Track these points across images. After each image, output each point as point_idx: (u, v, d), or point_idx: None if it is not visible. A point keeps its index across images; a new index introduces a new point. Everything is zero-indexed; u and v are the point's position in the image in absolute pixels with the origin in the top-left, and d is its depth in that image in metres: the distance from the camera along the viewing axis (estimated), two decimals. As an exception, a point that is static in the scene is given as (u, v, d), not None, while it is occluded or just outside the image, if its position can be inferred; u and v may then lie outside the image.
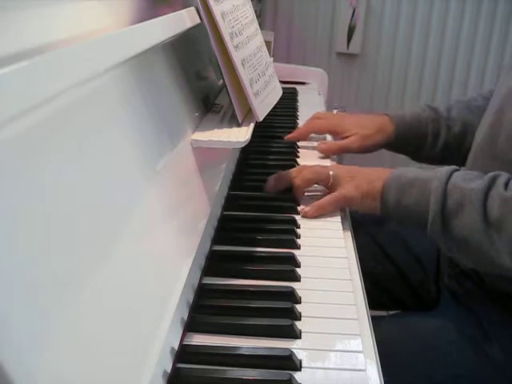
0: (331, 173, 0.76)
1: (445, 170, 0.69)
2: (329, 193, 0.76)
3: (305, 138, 1.02)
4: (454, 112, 0.96)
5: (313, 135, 1.03)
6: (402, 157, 1.02)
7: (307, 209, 0.74)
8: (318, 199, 0.76)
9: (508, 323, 0.73)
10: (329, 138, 1.05)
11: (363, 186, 0.74)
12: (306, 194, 0.79)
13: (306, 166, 0.82)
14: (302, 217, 0.74)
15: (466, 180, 0.67)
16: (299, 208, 0.76)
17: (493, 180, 0.65)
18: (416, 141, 0.96)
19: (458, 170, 0.69)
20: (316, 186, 0.79)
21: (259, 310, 0.53)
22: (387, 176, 0.73)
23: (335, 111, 1.19)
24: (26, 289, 0.28)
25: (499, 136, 0.75)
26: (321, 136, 1.04)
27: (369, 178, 0.75)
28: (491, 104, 0.82)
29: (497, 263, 0.63)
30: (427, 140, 0.95)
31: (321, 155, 0.95)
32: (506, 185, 0.64)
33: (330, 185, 0.76)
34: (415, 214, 0.69)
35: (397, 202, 0.71)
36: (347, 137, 0.95)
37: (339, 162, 0.99)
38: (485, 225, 0.63)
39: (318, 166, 0.81)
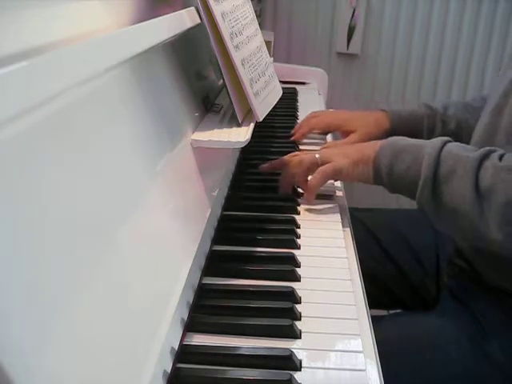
0: (317, 155, 0.77)
1: (439, 138, 0.69)
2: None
3: (303, 136, 1.02)
4: (451, 111, 0.97)
5: (315, 136, 1.04)
6: None
7: (306, 196, 0.76)
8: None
9: (507, 322, 0.73)
10: (329, 138, 1.05)
11: (353, 155, 0.74)
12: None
13: (291, 159, 0.81)
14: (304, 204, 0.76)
15: (461, 149, 0.67)
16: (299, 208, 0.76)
17: (488, 151, 0.65)
18: (411, 136, 0.95)
19: (451, 141, 0.69)
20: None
21: (259, 310, 0.53)
22: (382, 143, 0.73)
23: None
24: (26, 289, 0.28)
25: (497, 134, 0.75)
26: (322, 136, 1.04)
27: (360, 148, 0.75)
28: (488, 103, 0.82)
29: (484, 235, 0.63)
30: (422, 136, 0.95)
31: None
32: (501, 157, 0.64)
33: (320, 166, 0.76)
34: (407, 180, 0.69)
35: (389, 168, 0.70)
36: (348, 131, 0.96)
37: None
38: (475, 193, 0.62)
39: (303, 153, 0.82)
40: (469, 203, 0.62)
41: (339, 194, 0.82)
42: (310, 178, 0.77)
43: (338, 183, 0.95)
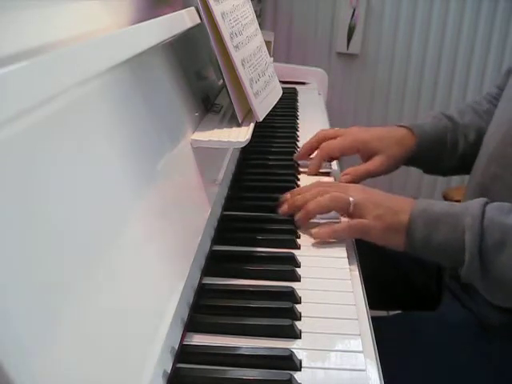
0: (351, 199, 0.68)
1: (476, 203, 0.64)
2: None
3: (319, 167, 0.88)
4: (467, 118, 0.92)
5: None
6: (412, 169, 0.96)
7: (318, 230, 0.68)
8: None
9: (508, 324, 0.73)
10: (334, 163, 0.93)
11: (387, 218, 0.66)
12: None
13: (322, 186, 0.73)
14: (315, 238, 0.68)
15: (503, 214, 0.62)
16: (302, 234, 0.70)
17: None
18: (435, 152, 0.90)
19: (488, 203, 0.64)
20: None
21: (259, 310, 0.53)
22: (412, 208, 0.66)
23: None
24: (26, 289, 0.28)
25: None
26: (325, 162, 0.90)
27: (393, 208, 0.67)
28: (502, 110, 0.80)
29: None
30: (446, 150, 0.90)
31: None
32: None
33: (349, 212, 0.69)
34: (447, 252, 0.64)
35: (425, 239, 0.65)
36: (368, 156, 0.86)
37: (341, 169, 0.95)
38: None
39: (337, 188, 0.72)
40: None
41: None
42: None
43: (334, 164, 0.92)
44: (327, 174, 0.88)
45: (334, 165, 0.93)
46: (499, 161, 0.76)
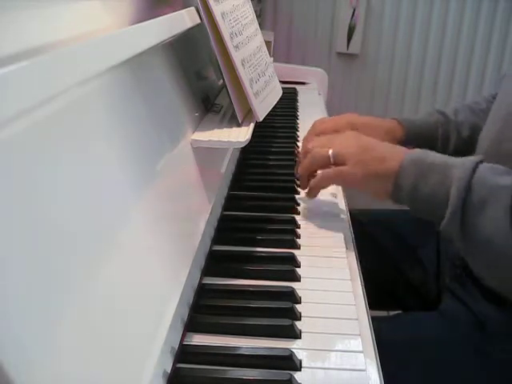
0: (330, 152, 0.69)
1: (471, 159, 0.62)
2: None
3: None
4: (462, 116, 0.93)
5: None
6: None
7: (305, 192, 0.75)
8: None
9: (508, 323, 0.73)
10: None
11: (372, 164, 0.66)
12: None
13: (307, 150, 0.75)
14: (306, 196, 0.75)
15: (495, 174, 0.60)
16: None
17: None
18: (425, 146, 0.88)
19: (483, 162, 0.62)
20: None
21: (259, 310, 0.53)
22: (404, 156, 0.65)
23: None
24: (26, 289, 0.28)
25: (507, 141, 0.73)
26: None
27: (381, 154, 0.67)
28: (497, 108, 0.81)
29: None
30: (437, 145, 0.91)
31: None
32: None
33: (333, 164, 0.69)
34: (431, 204, 0.62)
35: (412, 188, 0.63)
36: None
37: None
38: (511, 225, 0.57)
39: (318, 142, 0.74)
40: (504, 238, 0.57)
41: (339, 194, 0.82)
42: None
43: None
44: None
45: None
46: (494, 158, 0.76)
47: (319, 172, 0.73)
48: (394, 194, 0.66)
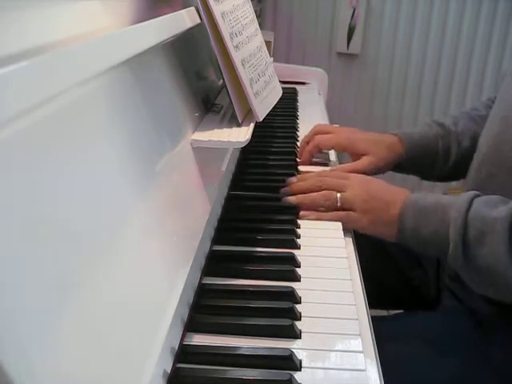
0: (338, 196, 0.73)
1: (465, 196, 0.66)
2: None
3: (311, 157, 0.93)
4: (461, 125, 0.93)
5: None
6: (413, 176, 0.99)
7: (308, 213, 0.74)
8: None
9: (508, 324, 0.73)
10: (332, 154, 0.98)
11: (376, 212, 0.71)
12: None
13: (322, 176, 0.78)
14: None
15: (488, 207, 0.64)
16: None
17: None
18: (427, 159, 0.92)
19: (478, 196, 0.66)
20: None
21: (259, 310, 0.53)
22: (404, 201, 0.70)
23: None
24: (26, 289, 0.28)
25: (506, 143, 0.74)
26: (323, 153, 0.95)
27: (385, 201, 0.71)
28: (495, 111, 0.81)
29: None
30: (438, 157, 0.92)
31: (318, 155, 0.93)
32: None
33: (338, 207, 0.73)
34: (434, 243, 0.67)
35: (415, 230, 0.68)
36: (357, 155, 0.89)
37: (340, 161, 0.97)
38: (510, 254, 0.60)
39: (333, 180, 0.76)
40: (504, 265, 0.61)
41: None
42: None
43: (332, 155, 0.97)
44: (324, 165, 0.93)
45: (332, 155, 0.97)
46: (493, 160, 0.76)
47: (331, 213, 0.74)
48: (399, 236, 0.70)
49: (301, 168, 0.91)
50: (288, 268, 0.60)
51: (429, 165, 0.93)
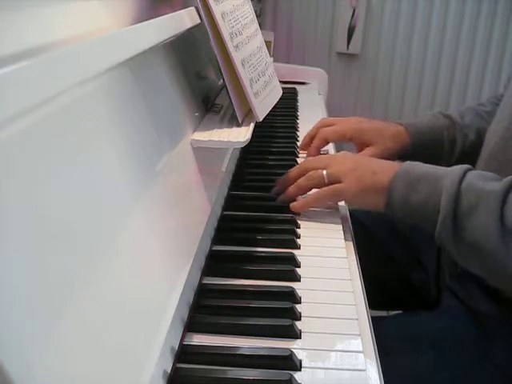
0: (324, 173, 0.72)
1: (458, 168, 0.65)
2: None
3: (318, 152, 0.91)
4: (468, 119, 0.92)
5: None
6: None
7: (295, 204, 0.73)
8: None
9: (508, 323, 0.73)
10: (330, 147, 0.98)
11: (365, 179, 0.69)
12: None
13: (305, 164, 0.77)
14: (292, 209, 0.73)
15: (482, 180, 0.63)
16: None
17: (511, 183, 0.61)
18: (432, 150, 0.91)
19: (471, 170, 0.65)
20: None
21: (259, 310, 0.53)
22: (394, 170, 0.68)
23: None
24: (26, 288, 0.28)
25: None
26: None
27: (373, 169, 0.70)
28: (503, 107, 0.81)
29: (510, 271, 0.60)
30: (444, 149, 0.91)
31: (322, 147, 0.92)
32: None
33: (327, 184, 0.72)
34: (424, 213, 0.65)
35: (404, 199, 0.66)
36: (363, 144, 0.88)
37: (337, 150, 0.97)
38: (501, 229, 0.59)
39: (317, 162, 0.76)
40: (494, 240, 0.59)
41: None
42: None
43: (330, 147, 0.94)
44: None
45: (331, 148, 0.97)
46: (500, 156, 0.76)
47: (314, 191, 0.74)
48: (388, 205, 0.68)
49: None
50: (288, 268, 0.60)
51: (434, 156, 0.91)
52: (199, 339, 0.49)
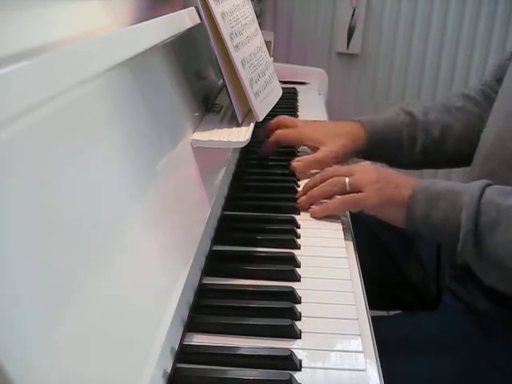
0: (347, 180, 0.72)
1: (477, 184, 0.65)
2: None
3: (270, 150, 0.94)
4: (433, 115, 0.93)
5: None
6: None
7: (315, 208, 0.73)
8: None
9: (508, 323, 0.73)
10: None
11: (386, 191, 0.69)
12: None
13: (328, 172, 0.77)
14: (309, 213, 0.74)
15: (502, 195, 0.63)
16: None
17: None
18: (390, 147, 0.92)
19: (490, 185, 0.65)
20: None
21: (259, 310, 0.53)
22: (414, 185, 0.68)
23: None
24: (27, 288, 0.28)
25: (510, 140, 0.74)
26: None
27: (396, 182, 0.70)
28: (498, 108, 0.81)
29: None
30: (403, 146, 0.92)
31: None
32: None
33: (349, 191, 0.72)
34: (445, 230, 0.65)
35: (425, 215, 0.66)
36: (316, 148, 0.89)
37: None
38: None
39: (341, 171, 0.75)
40: None
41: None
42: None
43: None
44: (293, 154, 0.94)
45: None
46: (496, 157, 0.76)
47: (337, 197, 0.73)
48: (408, 220, 0.68)
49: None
50: (288, 268, 0.60)
51: (393, 152, 0.93)
52: (199, 339, 0.49)
